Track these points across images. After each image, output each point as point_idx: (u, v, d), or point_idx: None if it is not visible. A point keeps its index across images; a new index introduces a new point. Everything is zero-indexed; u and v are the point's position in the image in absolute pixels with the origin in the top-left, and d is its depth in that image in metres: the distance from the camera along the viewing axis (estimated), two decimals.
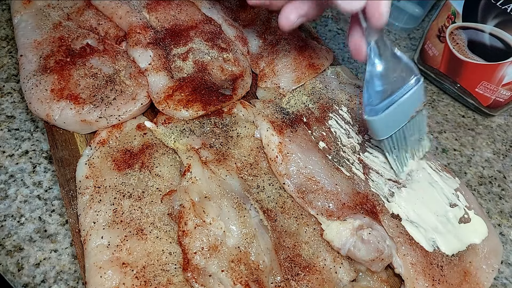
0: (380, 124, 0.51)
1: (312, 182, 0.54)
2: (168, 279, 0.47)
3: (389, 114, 0.50)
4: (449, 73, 0.76)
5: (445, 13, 0.71)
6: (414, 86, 0.50)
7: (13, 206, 0.56)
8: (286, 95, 0.65)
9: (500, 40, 0.65)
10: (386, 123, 0.51)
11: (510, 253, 0.61)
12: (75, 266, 0.52)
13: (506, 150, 0.74)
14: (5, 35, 0.75)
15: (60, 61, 0.61)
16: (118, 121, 0.60)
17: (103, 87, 0.60)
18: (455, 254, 0.54)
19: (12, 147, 0.62)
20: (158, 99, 0.60)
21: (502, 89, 0.70)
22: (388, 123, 0.51)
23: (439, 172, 0.60)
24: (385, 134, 0.53)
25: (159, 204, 0.53)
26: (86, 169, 0.55)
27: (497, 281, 0.58)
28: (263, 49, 0.71)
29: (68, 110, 0.57)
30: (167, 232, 0.51)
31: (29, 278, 0.51)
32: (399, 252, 0.52)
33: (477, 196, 0.66)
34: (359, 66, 0.83)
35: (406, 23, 0.89)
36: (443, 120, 0.77)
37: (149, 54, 0.64)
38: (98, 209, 0.51)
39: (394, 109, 0.50)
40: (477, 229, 0.56)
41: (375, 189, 0.57)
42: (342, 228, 0.51)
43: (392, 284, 0.53)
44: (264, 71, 0.69)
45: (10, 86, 0.68)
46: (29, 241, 0.53)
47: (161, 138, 0.59)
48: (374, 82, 0.49)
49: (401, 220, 0.55)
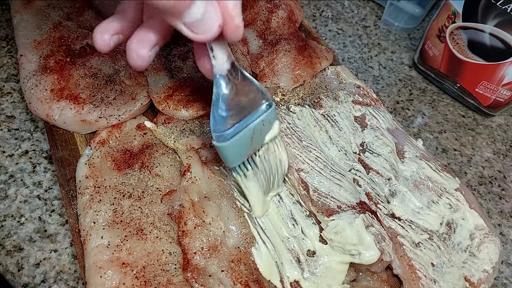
0: (229, 151, 0.46)
1: (315, 180, 0.54)
2: (168, 279, 0.47)
3: (238, 140, 0.45)
4: (449, 73, 0.76)
5: (445, 13, 0.71)
6: (264, 112, 0.47)
7: (13, 206, 0.56)
8: (286, 94, 0.65)
9: (500, 40, 0.65)
10: (236, 150, 0.46)
11: (510, 253, 0.61)
12: (75, 266, 0.52)
13: (506, 150, 0.74)
14: (5, 35, 0.75)
15: (60, 61, 0.61)
16: (118, 121, 0.60)
17: (103, 87, 0.60)
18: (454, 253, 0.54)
19: (12, 147, 0.62)
20: (158, 99, 0.60)
21: (502, 89, 0.70)
22: (237, 150, 0.46)
23: (439, 172, 0.60)
24: (235, 161, 0.48)
25: (159, 204, 0.53)
26: (86, 169, 0.55)
27: (497, 281, 0.58)
28: (263, 49, 0.71)
29: (68, 110, 0.57)
30: (167, 232, 0.51)
31: (29, 278, 0.51)
32: (398, 253, 0.52)
33: (477, 196, 0.66)
34: (359, 66, 0.83)
35: (406, 23, 0.89)
36: (443, 120, 0.77)
37: None
38: (98, 209, 0.51)
39: (242, 136, 0.45)
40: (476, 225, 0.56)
41: (375, 189, 0.57)
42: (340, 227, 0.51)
43: (392, 284, 0.53)
44: (264, 71, 0.69)
45: (10, 86, 0.68)
46: (29, 241, 0.53)
47: (161, 138, 0.59)
48: (221, 106, 0.44)
49: (401, 220, 0.55)
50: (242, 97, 0.45)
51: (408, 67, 0.85)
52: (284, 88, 0.66)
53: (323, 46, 0.73)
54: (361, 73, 0.82)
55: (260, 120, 0.47)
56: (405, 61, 0.86)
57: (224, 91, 0.44)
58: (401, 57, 0.86)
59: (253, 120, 0.46)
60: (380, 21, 0.92)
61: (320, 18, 0.91)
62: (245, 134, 0.46)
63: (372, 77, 0.82)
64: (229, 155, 0.47)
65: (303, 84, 0.68)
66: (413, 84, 0.82)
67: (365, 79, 0.81)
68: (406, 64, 0.85)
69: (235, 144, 0.45)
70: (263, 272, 0.49)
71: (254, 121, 0.46)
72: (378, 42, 0.88)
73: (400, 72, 0.83)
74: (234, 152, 0.47)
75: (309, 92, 0.67)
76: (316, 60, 0.69)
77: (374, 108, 0.65)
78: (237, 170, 0.49)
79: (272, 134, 0.49)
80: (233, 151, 0.46)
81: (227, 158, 0.47)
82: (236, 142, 0.45)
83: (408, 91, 0.80)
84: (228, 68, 0.43)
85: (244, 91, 0.45)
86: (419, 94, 0.80)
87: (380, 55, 0.86)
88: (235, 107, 0.45)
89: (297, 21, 0.78)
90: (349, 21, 0.91)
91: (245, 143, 0.47)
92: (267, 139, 0.49)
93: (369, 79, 0.81)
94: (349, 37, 0.88)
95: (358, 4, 0.95)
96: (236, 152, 0.47)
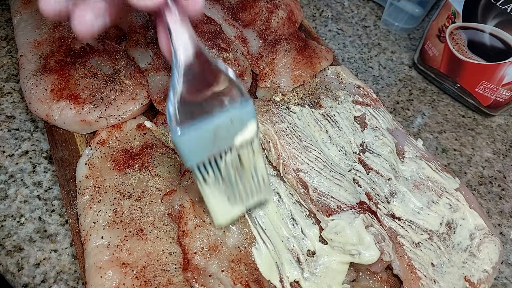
0: (185, 145, 0.40)
1: (314, 180, 0.54)
2: (168, 279, 0.47)
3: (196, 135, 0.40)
4: (449, 73, 0.76)
5: (445, 13, 0.71)
6: (236, 108, 0.41)
7: (13, 206, 0.56)
8: (286, 94, 0.65)
9: (500, 40, 0.65)
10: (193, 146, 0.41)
11: (510, 253, 0.61)
12: (75, 266, 0.52)
13: (506, 150, 0.74)
14: (5, 35, 0.74)
15: (60, 61, 0.61)
16: (118, 121, 0.60)
17: (103, 87, 0.60)
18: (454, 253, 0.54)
19: (12, 147, 0.62)
20: (158, 99, 0.60)
21: (502, 89, 0.70)
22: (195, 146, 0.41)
23: (439, 172, 0.60)
24: (192, 159, 0.41)
25: (159, 204, 0.53)
26: (86, 169, 0.55)
27: (497, 281, 0.58)
28: (263, 49, 0.72)
29: (68, 110, 0.57)
30: (167, 232, 0.51)
31: (29, 278, 0.51)
32: (398, 253, 0.52)
33: (477, 196, 0.66)
34: (359, 66, 0.83)
35: (406, 23, 0.89)
36: (443, 120, 0.77)
37: (149, 54, 0.64)
38: (98, 209, 0.51)
39: (203, 130, 0.40)
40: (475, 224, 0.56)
41: (375, 189, 0.57)
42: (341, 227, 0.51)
43: (392, 284, 0.53)
44: (264, 71, 0.69)
45: (10, 86, 0.68)
46: (29, 241, 0.53)
47: (161, 138, 0.59)
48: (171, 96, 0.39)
49: (401, 220, 0.55)
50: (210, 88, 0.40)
51: (408, 67, 0.85)
52: (284, 88, 0.66)
53: (323, 46, 0.73)
54: (361, 73, 0.82)
55: (227, 117, 0.41)
56: (405, 61, 0.86)
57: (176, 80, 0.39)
58: (401, 57, 0.86)
59: (219, 115, 0.40)
60: (380, 21, 0.92)
61: (320, 18, 0.91)
62: (205, 129, 0.40)
63: (372, 77, 0.82)
64: (185, 151, 0.41)
65: (303, 84, 0.68)
66: (413, 84, 0.82)
67: (365, 79, 0.81)
68: (406, 64, 0.85)
69: (191, 139, 0.40)
70: (263, 272, 0.49)
71: (220, 116, 0.40)
72: (378, 42, 0.88)
73: (400, 72, 0.83)
74: (191, 148, 0.41)
75: (309, 92, 0.67)
76: (316, 60, 0.70)
77: (374, 108, 0.65)
78: (195, 171, 0.43)
79: (246, 137, 0.43)
80: (190, 147, 0.40)
81: (183, 154, 0.41)
82: (194, 137, 0.40)
83: (408, 91, 0.80)
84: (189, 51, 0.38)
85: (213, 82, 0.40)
86: (419, 94, 0.80)
87: (380, 55, 0.86)
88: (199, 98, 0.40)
89: (297, 21, 0.78)
90: (349, 21, 0.91)
91: (206, 141, 0.41)
92: (238, 141, 0.42)
93: (369, 79, 0.81)
94: (349, 37, 0.88)
95: (358, 4, 0.95)
96: (193, 149, 0.41)
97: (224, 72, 0.40)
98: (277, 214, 0.53)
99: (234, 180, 0.45)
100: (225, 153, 0.43)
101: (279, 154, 0.56)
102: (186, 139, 0.40)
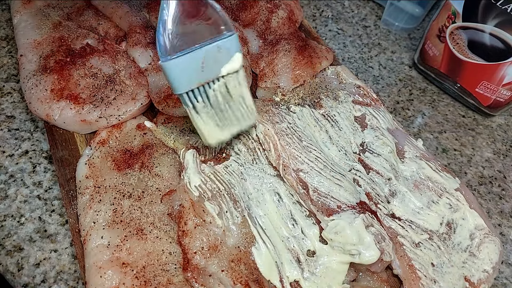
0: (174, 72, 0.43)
1: (314, 180, 0.54)
2: (168, 279, 0.47)
3: (185, 61, 0.42)
4: (449, 73, 0.76)
5: (445, 13, 0.71)
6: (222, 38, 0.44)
7: (13, 206, 0.56)
8: (286, 94, 0.65)
9: (500, 40, 0.65)
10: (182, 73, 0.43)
11: (510, 253, 0.61)
12: (75, 266, 0.52)
13: (506, 150, 0.74)
14: (5, 35, 0.75)
15: (60, 61, 0.61)
16: (118, 121, 0.60)
17: (103, 87, 0.60)
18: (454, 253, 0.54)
19: (12, 147, 0.62)
20: (158, 99, 0.60)
21: (502, 89, 0.70)
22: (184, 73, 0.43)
23: (439, 172, 0.60)
24: (181, 87, 0.44)
25: (159, 204, 0.53)
26: (86, 169, 0.55)
27: (497, 281, 0.58)
28: (263, 49, 0.71)
29: (68, 110, 0.57)
30: (167, 232, 0.51)
31: (29, 278, 0.51)
32: (398, 253, 0.52)
33: (477, 196, 0.66)
34: (359, 66, 0.83)
35: (406, 23, 0.89)
36: (443, 120, 0.77)
37: (149, 54, 0.64)
38: (98, 209, 0.51)
39: (190, 58, 0.42)
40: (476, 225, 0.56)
41: (375, 189, 0.57)
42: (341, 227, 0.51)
43: (392, 284, 0.53)
44: (264, 71, 0.69)
45: (10, 86, 0.68)
46: (29, 241, 0.53)
47: (161, 138, 0.59)
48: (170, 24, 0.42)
49: (401, 220, 0.55)
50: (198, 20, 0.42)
51: (408, 67, 0.85)
52: (284, 88, 0.66)
53: (323, 46, 0.73)
54: (361, 73, 0.82)
55: (214, 46, 0.43)
56: (405, 61, 0.86)
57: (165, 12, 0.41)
58: (401, 57, 0.86)
59: (206, 45, 0.43)
60: (380, 21, 0.92)
61: (320, 18, 0.91)
62: (193, 56, 0.43)
63: (372, 77, 0.82)
64: (174, 78, 0.43)
65: (303, 84, 0.68)
66: (413, 84, 0.82)
67: (365, 79, 0.81)
68: (406, 64, 0.85)
69: (180, 66, 0.42)
70: (263, 271, 0.49)
71: (207, 46, 0.43)
72: (378, 42, 0.88)
73: (400, 72, 0.83)
74: (180, 75, 0.43)
75: (309, 92, 0.67)
76: (316, 60, 0.69)
77: (374, 108, 0.65)
78: (185, 99, 0.46)
79: (232, 67, 0.46)
80: (179, 74, 0.43)
81: (173, 81, 0.44)
82: (182, 63, 0.42)
83: (408, 91, 0.80)
84: None
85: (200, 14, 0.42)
86: (419, 94, 0.80)
87: (380, 55, 0.86)
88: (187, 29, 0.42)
89: (297, 21, 0.78)
90: (349, 21, 0.91)
91: (194, 68, 0.43)
92: (225, 71, 0.45)
93: (369, 79, 0.81)
94: (349, 37, 0.88)
95: (358, 4, 0.95)
96: (182, 76, 0.43)
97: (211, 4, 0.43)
98: (277, 214, 0.53)
99: (223, 107, 0.48)
100: (213, 82, 0.46)
101: (279, 155, 0.56)
102: (175, 67, 0.42)
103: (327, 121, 0.62)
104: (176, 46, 0.42)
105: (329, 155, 0.59)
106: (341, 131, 0.62)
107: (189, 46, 0.43)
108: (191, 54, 0.42)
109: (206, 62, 0.43)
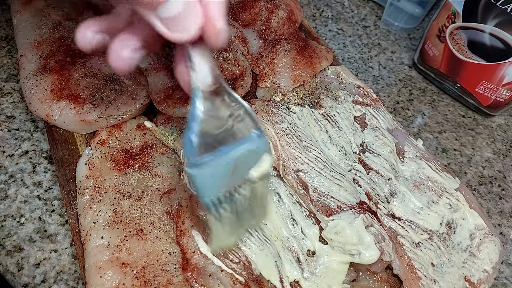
0: (202, 180, 0.38)
1: (314, 180, 0.54)
2: (168, 279, 0.47)
3: (214, 169, 0.38)
4: (449, 73, 0.76)
5: (445, 13, 0.71)
6: (253, 141, 0.40)
7: (13, 206, 0.56)
8: (286, 94, 0.65)
9: (500, 40, 0.65)
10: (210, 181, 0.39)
11: (510, 253, 0.61)
12: (75, 266, 0.52)
13: (506, 150, 0.74)
14: (5, 35, 0.75)
15: (60, 61, 0.61)
16: (118, 121, 0.60)
17: (103, 87, 0.60)
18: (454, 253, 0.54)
19: (12, 147, 0.62)
20: (158, 99, 0.60)
21: (502, 89, 0.70)
22: (212, 181, 0.39)
23: (439, 172, 0.60)
24: (208, 194, 0.39)
25: (159, 204, 0.53)
26: (86, 169, 0.55)
27: (497, 281, 0.58)
28: (263, 49, 0.71)
29: (68, 110, 0.57)
30: (167, 232, 0.51)
31: (29, 278, 0.51)
32: (398, 253, 0.52)
33: (477, 196, 0.66)
34: (359, 66, 0.83)
35: (406, 23, 0.89)
36: (443, 120, 0.77)
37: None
38: (98, 209, 0.51)
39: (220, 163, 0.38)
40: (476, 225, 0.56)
41: (375, 189, 0.57)
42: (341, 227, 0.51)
43: (392, 284, 0.53)
44: (264, 71, 0.69)
45: (10, 86, 0.68)
46: (29, 241, 0.53)
47: (161, 138, 0.59)
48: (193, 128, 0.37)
49: (401, 220, 0.55)
50: (226, 120, 0.39)
51: (408, 67, 0.85)
52: (284, 88, 0.66)
53: (323, 46, 0.73)
54: (361, 73, 0.82)
55: (245, 150, 0.39)
56: (405, 61, 0.86)
57: (199, 111, 0.37)
58: (401, 57, 0.86)
59: (237, 149, 0.39)
60: (380, 21, 0.92)
61: (320, 18, 0.91)
62: (224, 163, 0.38)
63: (372, 77, 0.82)
64: (201, 186, 0.38)
65: (303, 84, 0.68)
66: (413, 84, 0.82)
67: (365, 79, 0.81)
68: (406, 64, 0.85)
69: (209, 174, 0.38)
70: (263, 271, 0.48)
71: (237, 149, 0.39)
72: (378, 42, 0.88)
73: (400, 72, 0.83)
74: (208, 182, 0.39)
75: (309, 92, 0.67)
76: (316, 60, 0.69)
77: (374, 108, 0.65)
78: (209, 206, 0.40)
79: (261, 171, 0.41)
80: (207, 182, 0.39)
81: (199, 188, 0.39)
82: (211, 171, 0.38)
83: (408, 91, 0.80)
84: (209, 83, 0.37)
85: (229, 113, 0.39)
86: (419, 94, 0.80)
87: (380, 55, 0.86)
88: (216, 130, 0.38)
89: (297, 21, 0.78)
90: (349, 21, 0.91)
91: (224, 175, 0.39)
92: (253, 174, 0.41)
93: (369, 79, 0.81)
94: (349, 37, 0.88)
95: (358, 4, 0.95)
96: (210, 184, 0.39)
97: (239, 101, 0.39)
98: (277, 214, 0.53)
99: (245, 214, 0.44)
100: (239, 187, 0.41)
101: (279, 155, 0.56)
102: (204, 175, 0.38)
103: (327, 121, 0.62)
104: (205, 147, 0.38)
105: (329, 155, 0.59)
106: (341, 131, 0.62)
107: (217, 148, 0.38)
108: (221, 160, 0.38)
109: (236, 167, 0.39)
